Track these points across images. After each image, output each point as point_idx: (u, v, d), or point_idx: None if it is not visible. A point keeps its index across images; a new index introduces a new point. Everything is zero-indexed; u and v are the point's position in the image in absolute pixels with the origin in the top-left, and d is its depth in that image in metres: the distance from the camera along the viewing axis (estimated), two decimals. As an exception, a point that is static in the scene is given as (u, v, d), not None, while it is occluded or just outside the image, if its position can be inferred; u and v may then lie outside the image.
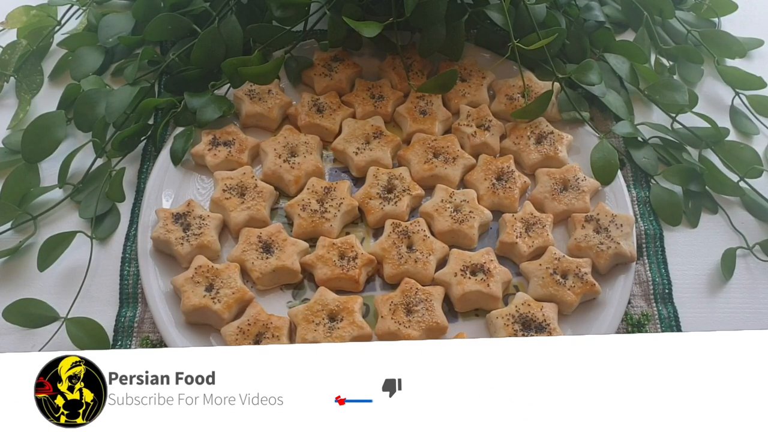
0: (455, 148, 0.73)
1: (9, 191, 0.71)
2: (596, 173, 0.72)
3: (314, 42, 0.82)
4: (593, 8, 0.84)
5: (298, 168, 0.72)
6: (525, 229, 0.68)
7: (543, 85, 0.78)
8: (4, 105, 0.81)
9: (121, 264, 0.69)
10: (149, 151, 0.76)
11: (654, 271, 0.69)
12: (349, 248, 0.66)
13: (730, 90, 0.83)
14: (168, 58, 0.78)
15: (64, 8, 0.87)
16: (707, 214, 0.74)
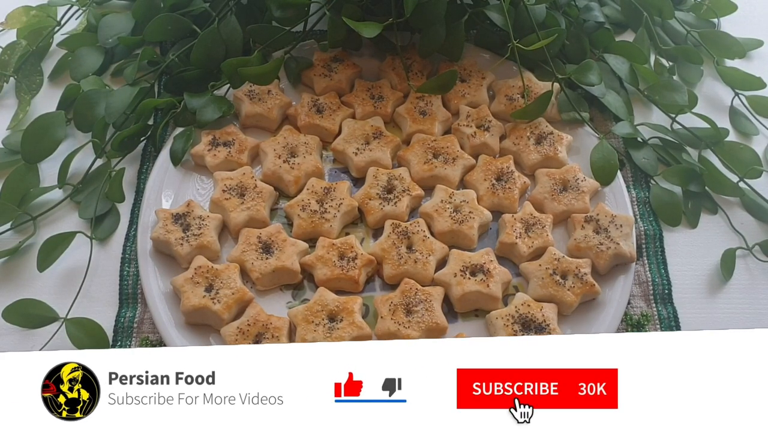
0: (455, 149, 0.73)
1: (9, 191, 0.71)
2: (596, 174, 0.72)
3: (314, 42, 0.82)
4: (593, 9, 0.84)
5: (298, 168, 0.72)
6: (525, 229, 0.68)
7: (543, 85, 0.78)
8: (4, 105, 0.81)
9: (120, 264, 0.69)
10: (149, 151, 0.76)
11: (654, 272, 0.69)
12: (348, 249, 0.66)
13: (730, 90, 0.83)
14: (168, 58, 0.78)
15: (64, 8, 0.86)
16: (707, 215, 0.74)
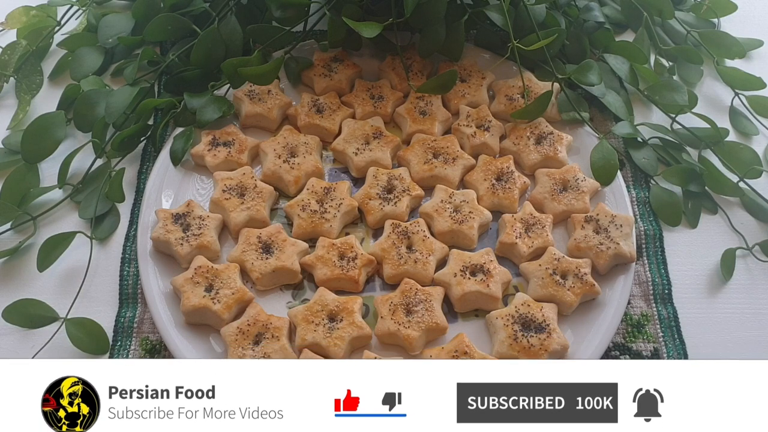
0: (455, 149, 0.73)
1: (9, 191, 0.71)
2: (596, 174, 0.72)
3: (314, 42, 0.82)
4: (593, 9, 0.84)
5: (298, 168, 0.72)
6: (525, 229, 0.68)
7: (543, 85, 0.78)
8: (4, 105, 0.81)
9: (120, 264, 0.69)
10: (149, 151, 0.76)
11: (654, 272, 0.69)
12: (348, 249, 0.66)
13: (730, 90, 0.83)
14: (168, 58, 0.78)
15: (64, 8, 0.87)
16: (707, 215, 0.74)
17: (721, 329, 0.66)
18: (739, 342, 0.65)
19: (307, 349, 0.61)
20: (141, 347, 0.64)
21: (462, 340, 0.61)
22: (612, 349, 0.64)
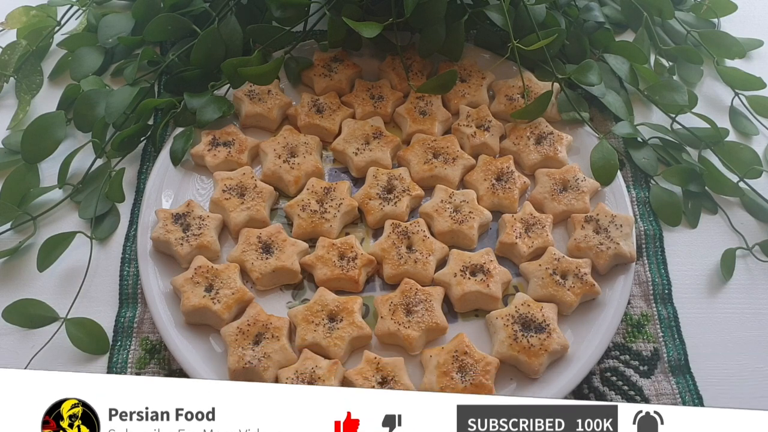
0: (455, 149, 0.73)
1: (9, 191, 0.71)
2: (596, 174, 0.72)
3: (314, 42, 0.82)
4: (593, 9, 0.84)
5: (298, 168, 0.72)
6: (525, 229, 0.68)
7: (543, 85, 0.78)
8: (4, 105, 0.81)
9: (120, 264, 0.69)
10: (149, 151, 0.76)
11: (654, 272, 0.69)
12: (348, 249, 0.66)
13: (730, 90, 0.83)
14: (168, 58, 0.78)
15: (64, 8, 0.87)
16: (707, 215, 0.74)
17: (721, 329, 0.66)
18: (739, 342, 0.65)
19: (307, 349, 0.61)
20: (141, 347, 0.64)
21: (462, 340, 0.61)
22: (612, 349, 0.64)
